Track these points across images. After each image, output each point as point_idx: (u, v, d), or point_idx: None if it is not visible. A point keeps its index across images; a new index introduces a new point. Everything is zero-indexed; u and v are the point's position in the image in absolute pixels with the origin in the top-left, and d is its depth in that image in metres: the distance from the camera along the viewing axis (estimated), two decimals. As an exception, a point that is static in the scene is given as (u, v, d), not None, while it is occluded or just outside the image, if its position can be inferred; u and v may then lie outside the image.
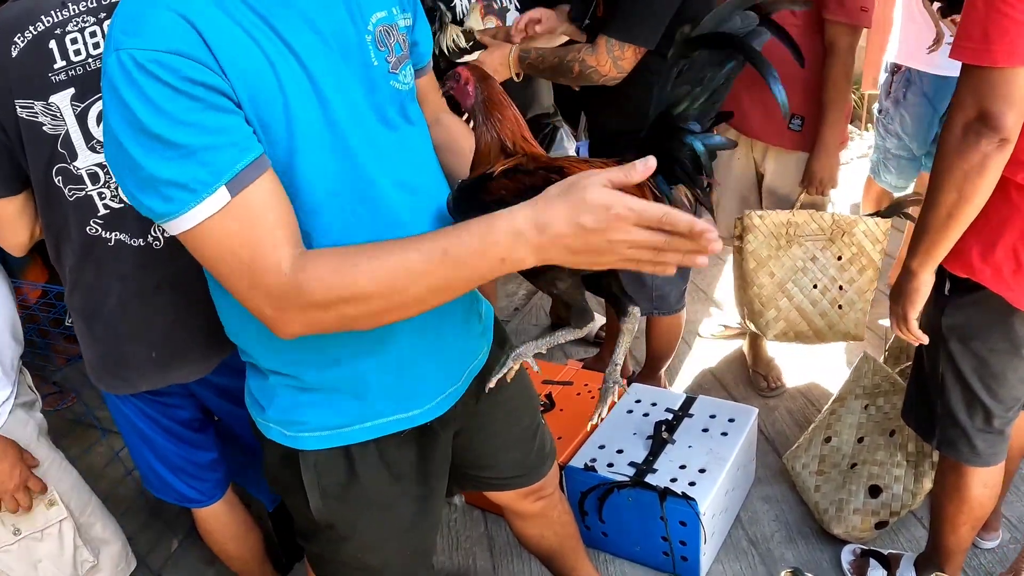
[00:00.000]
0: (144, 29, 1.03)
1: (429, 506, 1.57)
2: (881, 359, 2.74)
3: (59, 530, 1.90)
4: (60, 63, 1.61)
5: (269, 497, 2.54)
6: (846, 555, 2.39)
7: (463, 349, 1.49)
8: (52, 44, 1.60)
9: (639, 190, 1.09)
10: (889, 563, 2.32)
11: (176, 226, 1.05)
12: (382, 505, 1.49)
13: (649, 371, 3.12)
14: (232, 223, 1.04)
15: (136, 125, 1.01)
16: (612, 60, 2.31)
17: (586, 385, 2.84)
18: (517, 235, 1.01)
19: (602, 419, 1.29)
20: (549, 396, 2.79)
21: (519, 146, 1.25)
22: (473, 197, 1.21)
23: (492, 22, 2.82)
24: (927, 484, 2.37)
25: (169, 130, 1.01)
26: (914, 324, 1.81)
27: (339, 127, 1.18)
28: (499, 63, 2.46)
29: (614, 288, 1.26)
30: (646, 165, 0.99)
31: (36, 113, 1.62)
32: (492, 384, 1.30)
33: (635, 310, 1.25)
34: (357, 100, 1.21)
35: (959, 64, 1.54)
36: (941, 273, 1.79)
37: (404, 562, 1.59)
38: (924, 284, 1.75)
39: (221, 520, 2.21)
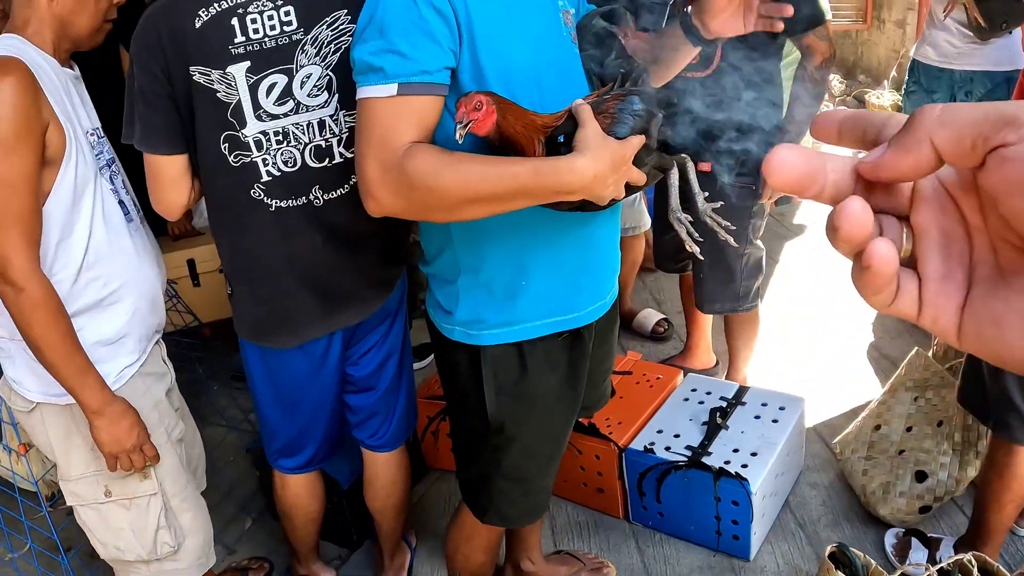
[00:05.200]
0: None
1: (572, 418, 2.02)
2: (930, 354, 3.01)
3: (147, 504, 2.11)
4: (240, 38, 1.92)
5: (344, 475, 2.87)
6: (889, 538, 2.69)
7: (611, 269, 1.94)
8: (234, 21, 1.91)
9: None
10: (930, 545, 2.60)
11: (360, 90, 1.53)
12: (545, 404, 1.90)
13: (733, 370, 3.42)
14: (387, 109, 1.49)
15: (377, 14, 1.50)
16: (827, 42, 2.70)
17: (644, 375, 3.15)
18: (579, 170, 1.44)
19: (733, 230, 1.69)
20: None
21: (541, 123, 1.54)
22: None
23: None
24: (971, 472, 2.66)
25: (392, 30, 1.48)
26: None
27: (542, 77, 1.64)
28: None
29: (669, 162, 1.68)
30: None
31: (212, 80, 1.92)
32: (696, 248, 1.65)
33: (684, 155, 1.70)
34: (553, 58, 1.68)
35: (951, 53, 1.86)
36: None
37: (548, 471, 2.04)
38: None
39: (301, 490, 2.52)
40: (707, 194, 1.69)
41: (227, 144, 1.98)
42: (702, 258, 1.75)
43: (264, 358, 2.26)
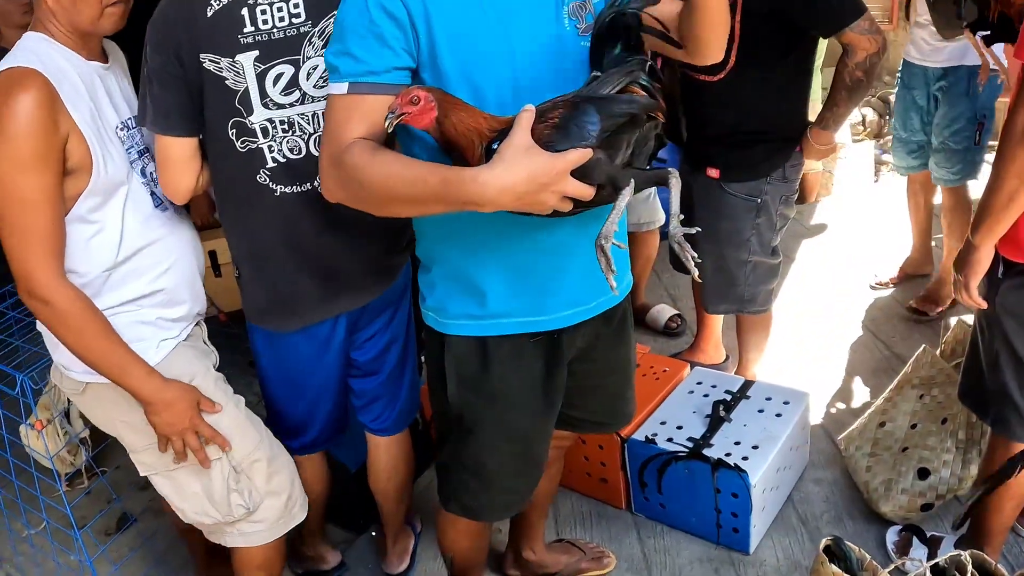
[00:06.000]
0: None
1: (545, 421, 1.98)
2: (938, 352, 3.01)
3: (214, 468, 2.11)
4: (249, 28, 1.98)
5: (352, 459, 2.92)
6: (891, 535, 2.69)
7: (593, 277, 1.77)
8: (244, 11, 1.97)
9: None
10: (931, 543, 2.60)
11: (328, 87, 1.63)
12: (507, 403, 1.89)
13: (742, 369, 3.43)
14: (340, 106, 1.58)
15: (339, 18, 1.60)
16: (870, 36, 2.61)
17: (651, 367, 3.17)
18: (482, 185, 1.37)
19: (699, 262, 1.57)
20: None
21: (487, 127, 1.49)
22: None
23: None
24: (974, 471, 2.66)
25: (348, 33, 1.57)
26: (975, 291, 2.15)
27: (519, 71, 1.62)
28: (823, 155, 2.97)
29: (647, 178, 1.60)
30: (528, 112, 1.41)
31: (222, 68, 1.98)
32: (614, 284, 1.54)
33: (673, 170, 1.60)
34: (541, 52, 1.64)
35: (926, 51, 1.84)
36: (995, 258, 2.10)
37: (514, 470, 2.01)
38: (984, 257, 2.09)
39: (305, 472, 2.53)
40: (683, 217, 1.60)
41: (234, 130, 2.04)
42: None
43: (270, 340, 2.32)
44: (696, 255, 1.56)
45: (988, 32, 3.13)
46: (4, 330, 2.92)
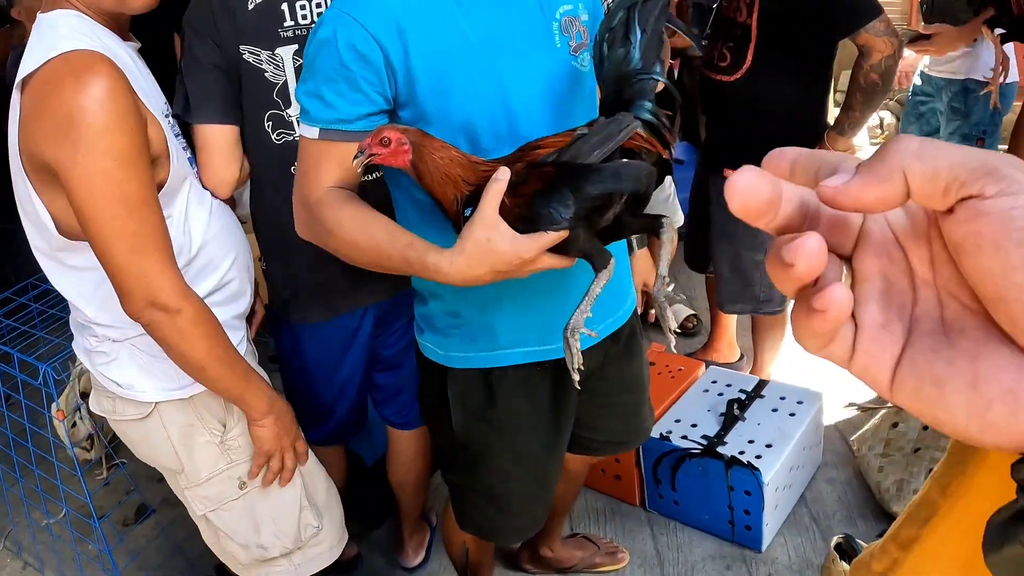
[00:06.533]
0: None
1: (556, 445, 1.94)
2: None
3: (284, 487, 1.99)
4: (289, 22, 2.02)
5: (369, 453, 2.95)
6: (903, 534, 2.70)
7: (598, 304, 1.61)
8: (284, 6, 2.02)
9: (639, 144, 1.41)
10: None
11: (299, 126, 1.57)
12: (515, 431, 1.84)
13: (757, 369, 3.46)
14: (312, 150, 1.53)
15: (309, 55, 1.51)
16: (885, 38, 2.61)
17: (667, 366, 3.20)
18: (445, 276, 1.39)
19: (674, 332, 1.45)
20: (630, 375, 3.15)
21: (463, 177, 1.40)
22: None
23: None
24: (986, 472, 2.67)
25: (317, 74, 1.49)
26: None
27: (509, 96, 1.54)
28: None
29: (636, 226, 1.48)
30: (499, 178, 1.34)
31: (261, 60, 2.02)
32: (577, 378, 1.41)
33: (668, 221, 1.44)
34: (532, 74, 1.56)
35: (932, 59, 1.89)
36: None
37: (527, 495, 1.96)
38: None
39: (325, 463, 2.59)
40: (669, 279, 1.51)
41: (271, 122, 2.08)
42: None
43: (297, 332, 2.36)
44: (674, 326, 1.48)
45: (1004, 31, 3.16)
46: (27, 321, 2.96)
